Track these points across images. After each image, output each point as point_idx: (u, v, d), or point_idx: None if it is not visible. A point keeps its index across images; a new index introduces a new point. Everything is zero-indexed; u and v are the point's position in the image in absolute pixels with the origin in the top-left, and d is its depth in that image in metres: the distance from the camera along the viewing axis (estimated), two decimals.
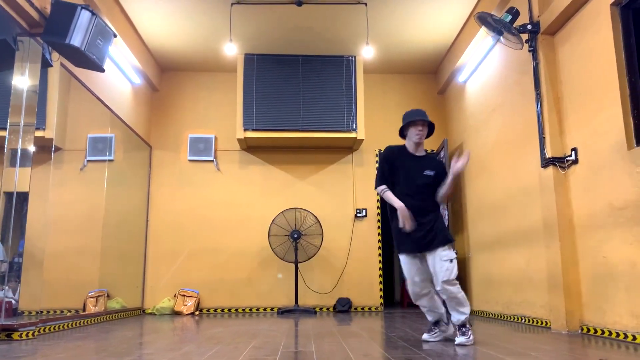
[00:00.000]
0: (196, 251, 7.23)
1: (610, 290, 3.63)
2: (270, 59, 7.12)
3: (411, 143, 3.63)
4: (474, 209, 6.43)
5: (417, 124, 3.57)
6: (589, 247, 3.91)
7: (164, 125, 7.61)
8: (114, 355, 2.87)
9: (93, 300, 6.06)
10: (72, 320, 4.88)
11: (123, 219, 6.98)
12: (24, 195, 4.28)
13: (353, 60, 7.15)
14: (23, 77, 4.32)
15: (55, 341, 3.64)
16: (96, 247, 6.29)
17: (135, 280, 7.04)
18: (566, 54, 4.27)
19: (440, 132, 7.71)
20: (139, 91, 7.12)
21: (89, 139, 6.54)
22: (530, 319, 4.75)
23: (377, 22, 6.32)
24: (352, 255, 7.28)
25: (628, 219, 3.44)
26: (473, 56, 6.23)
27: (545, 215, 4.34)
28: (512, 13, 4.28)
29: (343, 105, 7.01)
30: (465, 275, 6.64)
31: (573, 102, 4.16)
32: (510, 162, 5.29)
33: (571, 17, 4.16)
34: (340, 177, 7.53)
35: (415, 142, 3.60)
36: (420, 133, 3.56)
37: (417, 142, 3.61)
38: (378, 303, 7.19)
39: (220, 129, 7.60)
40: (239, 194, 7.40)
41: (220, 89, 7.72)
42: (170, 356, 2.81)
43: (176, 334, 4.32)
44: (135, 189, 7.25)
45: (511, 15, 4.28)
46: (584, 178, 3.98)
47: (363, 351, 3.03)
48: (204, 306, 7.10)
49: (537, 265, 4.62)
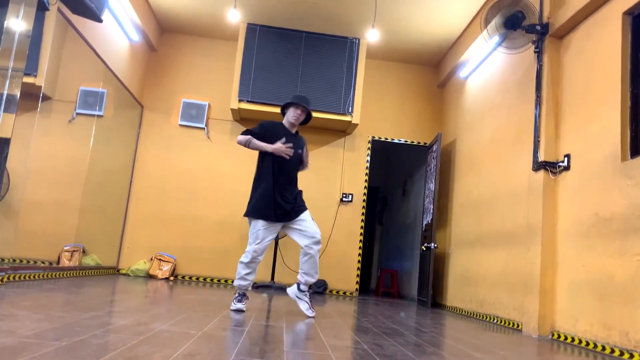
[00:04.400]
0: (177, 217, 7.15)
1: (585, 299, 3.64)
2: (272, 32, 6.99)
3: (288, 122, 3.98)
4: (459, 205, 6.42)
5: (298, 107, 3.92)
6: (569, 254, 3.91)
7: (158, 87, 7.47)
8: (82, 309, 2.82)
9: (68, 254, 5.99)
10: (45, 272, 4.81)
11: (107, 177, 6.88)
12: (5, 140, 4.17)
13: (357, 42, 7.05)
14: (17, 19, 4.17)
15: (24, 290, 3.57)
16: (76, 202, 6.20)
17: (112, 239, 6.96)
18: (571, 59, 4.23)
19: (435, 125, 7.68)
20: (136, 49, 6.96)
21: (81, 91, 6.40)
22: (502, 320, 4.78)
23: (386, 6, 6.22)
24: (333, 238, 7.26)
25: (612, 231, 3.44)
26: (477, 52, 6.16)
27: (530, 218, 4.33)
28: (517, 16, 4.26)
29: (342, 87, 6.92)
30: (443, 270, 6.66)
31: (572, 107, 4.13)
32: (502, 162, 5.26)
33: (581, 22, 4.10)
34: (330, 159, 7.47)
35: (291, 122, 3.96)
36: (297, 116, 3.93)
37: (293, 123, 3.97)
38: (353, 288, 7.19)
39: (215, 97, 7.48)
40: (226, 165, 7.32)
41: (219, 57, 7.58)
42: (138, 316, 2.77)
43: (148, 296, 4.28)
44: (122, 147, 7.13)
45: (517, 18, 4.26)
46: (574, 185, 3.97)
47: (334, 332, 3.01)
48: (179, 272, 7.05)
49: (516, 267, 4.63)
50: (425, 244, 6.66)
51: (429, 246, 6.52)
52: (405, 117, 7.74)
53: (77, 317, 2.51)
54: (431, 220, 6.62)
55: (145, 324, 2.52)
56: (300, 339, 2.66)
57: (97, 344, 1.88)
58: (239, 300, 3.76)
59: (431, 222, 6.61)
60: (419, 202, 8.00)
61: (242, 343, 2.29)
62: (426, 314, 5.34)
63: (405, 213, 9.03)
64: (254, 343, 2.34)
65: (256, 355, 2.05)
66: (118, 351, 1.80)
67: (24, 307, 2.66)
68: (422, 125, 7.72)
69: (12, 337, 1.84)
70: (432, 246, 6.43)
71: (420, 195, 7.94)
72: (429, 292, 6.31)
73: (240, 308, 3.71)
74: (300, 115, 3.93)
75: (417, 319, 4.65)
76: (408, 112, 7.76)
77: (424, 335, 3.32)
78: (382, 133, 7.62)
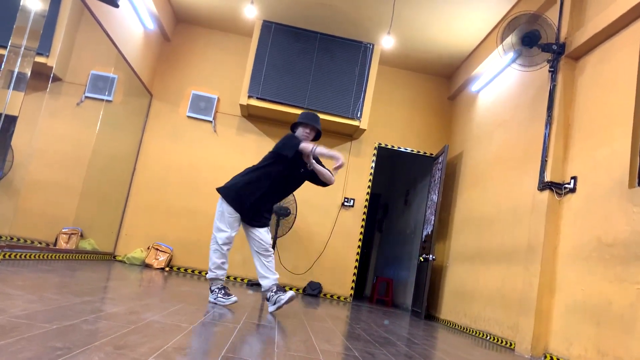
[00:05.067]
0: (177, 208, 7.14)
1: (582, 323, 3.60)
2: (287, 30, 6.98)
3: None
4: (461, 219, 6.39)
5: (307, 126, 3.87)
6: (568, 277, 3.88)
7: (168, 77, 7.47)
8: (75, 293, 2.80)
9: (66, 237, 5.98)
10: (41, 252, 4.79)
11: (110, 163, 6.87)
12: (12, 118, 4.17)
13: (371, 48, 7.03)
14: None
15: (19, 269, 3.56)
16: (78, 185, 6.19)
17: (111, 225, 6.95)
18: (585, 81, 4.20)
19: (442, 137, 7.65)
20: (150, 37, 6.96)
21: (91, 75, 6.40)
22: (496, 337, 4.74)
23: (403, 13, 6.20)
24: (331, 242, 7.23)
25: (613, 257, 3.41)
26: (490, 67, 6.14)
27: (531, 237, 4.30)
28: (534, 34, 4.23)
29: (352, 91, 6.90)
30: (439, 282, 6.62)
31: (582, 130, 4.10)
32: (507, 178, 5.23)
33: (599, 45, 4.08)
34: None
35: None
36: (307, 135, 3.87)
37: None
38: (348, 294, 7.16)
39: (225, 91, 7.47)
40: (231, 160, 7.29)
41: (231, 51, 7.57)
42: (130, 304, 2.75)
43: (142, 285, 4.26)
44: (128, 134, 7.13)
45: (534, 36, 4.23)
46: (578, 208, 3.94)
47: (326, 337, 2.99)
48: (175, 264, 7.04)
49: (513, 285, 4.60)
50: (424, 255, 6.63)
51: (427, 257, 6.48)
52: (413, 127, 7.71)
53: (70, 300, 2.49)
54: (431, 231, 6.59)
55: (137, 313, 2.50)
56: (291, 340, 2.63)
57: (87, 330, 1.86)
58: (227, 294, 3.72)
59: (431, 234, 6.58)
60: (420, 212, 7.96)
61: (232, 340, 2.26)
62: (419, 325, 5.31)
63: (405, 222, 9.00)
64: (244, 341, 2.32)
65: (246, 354, 2.02)
66: (108, 339, 1.78)
67: (18, 287, 2.65)
68: (430, 136, 7.69)
69: (2, 316, 1.82)
70: (431, 258, 6.40)
71: (422, 205, 7.91)
72: (423, 303, 6.27)
73: (235, 300, 3.69)
74: (310, 134, 3.88)
75: (410, 329, 4.62)
76: (416, 122, 7.73)
77: (415, 347, 3.29)
78: (388, 140, 7.60)
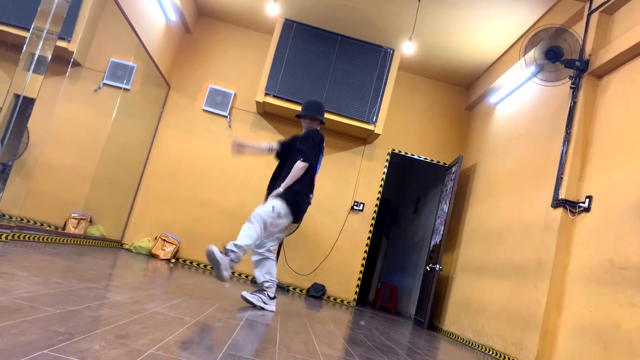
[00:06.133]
0: (187, 200, 7.15)
1: (588, 344, 3.54)
2: (308, 30, 6.97)
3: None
4: (470, 231, 6.33)
5: (306, 118, 4.10)
6: (577, 297, 3.81)
7: (187, 69, 7.49)
8: (80, 278, 2.80)
9: (75, 221, 6.01)
10: (49, 235, 4.81)
11: (123, 150, 6.90)
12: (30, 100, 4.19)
13: (391, 53, 6.99)
14: None
15: (26, 250, 3.57)
16: (90, 171, 6.23)
17: (121, 213, 6.98)
18: (608, 100, 4.13)
19: (457, 147, 7.59)
20: (172, 29, 6.98)
21: (111, 62, 6.44)
22: (498, 353, 4.68)
23: (426, 20, 6.16)
24: (338, 245, 7.20)
25: (625, 280, 3.34)
26: (511, 80, 6.07)
27: (541, 254, 4.24)
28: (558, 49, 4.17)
29: (369, 95, 6.87)
30: (444, 293, 6.56)
31: (601, 149, 4.03)
32: (520, 193, 5.17)
33: (624, 64, 4.01)
34: (347, 166, 7.42)
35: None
36: (307, 125, 4.10)
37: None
38: (351, 298, 7.13)
39: (242, 87, 7.47)
40: (243, 157, 7.29)
41: (251, 48, 7.58)
42: (134, 294, 2.74)
43: (147, 274, 4.26)
44: (143, 123, 7.16)
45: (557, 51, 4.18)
46: (592, 228, 3.87)
47: (327, 340, 2.96)
48: (181, 256, 7.04)
49: (520, 302, 4.53)
50: (431, 265, 6.58)
51: (433, 267, 6.43)
52: (429, 135, 7.66)
53: (75, 285, 2.49)
54: (439, 241, 6.54)
55: (141, 302, 2.49)
56: (293, 341, 2.61)
57: (89, 317, 1.85)
58: (273, 297, 3.84)
59: (439, 244, 6.52)
60: (429, 221, 7.91)
61: (234, 337, 2.24)
62: (421, 334, 5.26)
63: (414, 230, 8.94)
64: (246, 339, 2.30)
65: (247, 352, 2.00)
66: (110, 327, 1.77)
67: (24, 268, 2.65)
68: (444, 145, 7.64)
69: (7, 297, 1.82)
70: (437, 268, 6.35)
71: (432, 214, 7.85)
72: (427, 313, 6.22)
73: (273, 309, 3.80)
74: (303, 122, 4.10)
75: (412, 338, 4.58)
76: (432, 130, 7.68)
77: (417, 356, 3.25)
78: (402, 147, 7.55)
